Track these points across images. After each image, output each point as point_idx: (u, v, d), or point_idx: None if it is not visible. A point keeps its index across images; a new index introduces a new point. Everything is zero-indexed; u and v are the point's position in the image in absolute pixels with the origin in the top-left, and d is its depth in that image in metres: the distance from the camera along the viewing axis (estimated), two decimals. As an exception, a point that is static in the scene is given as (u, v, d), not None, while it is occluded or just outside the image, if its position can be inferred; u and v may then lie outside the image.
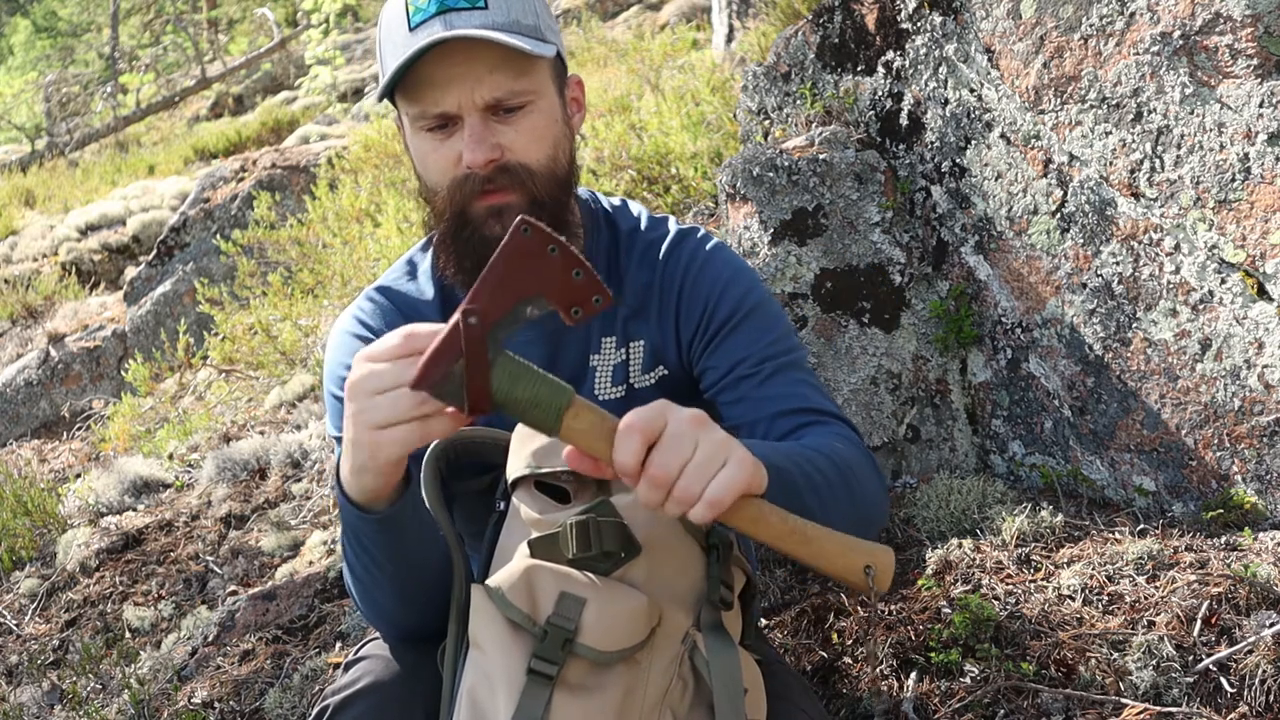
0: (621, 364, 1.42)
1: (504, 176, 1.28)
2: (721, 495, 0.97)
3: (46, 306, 6.82)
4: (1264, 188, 1.66)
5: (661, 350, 1.42)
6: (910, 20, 2.20)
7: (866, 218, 2.21)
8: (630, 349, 1.42)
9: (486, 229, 1.28)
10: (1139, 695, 1.45)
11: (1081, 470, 1.99)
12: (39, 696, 2.56)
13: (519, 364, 1.01)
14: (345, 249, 4.73)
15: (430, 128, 1.28)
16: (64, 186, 9.50)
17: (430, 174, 1.32)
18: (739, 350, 1.37)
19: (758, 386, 1.35)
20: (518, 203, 1.28)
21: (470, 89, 1.25)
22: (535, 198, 1.29)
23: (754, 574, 1.39)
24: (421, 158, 1.32)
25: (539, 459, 1.17)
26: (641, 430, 0.97)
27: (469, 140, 1.26)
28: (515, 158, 1.28)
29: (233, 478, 3.51)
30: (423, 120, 1.28)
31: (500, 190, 1.28)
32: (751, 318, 1.39)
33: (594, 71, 6.15)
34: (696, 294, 1.39)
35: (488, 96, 1.25)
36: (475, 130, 1.26)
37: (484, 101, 1.26)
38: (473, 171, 1.27)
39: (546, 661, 1.04)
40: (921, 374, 2.19)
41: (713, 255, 1.42)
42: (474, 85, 1.24)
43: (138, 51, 14.97)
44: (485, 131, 1.26)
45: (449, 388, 0.98)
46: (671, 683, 1.09)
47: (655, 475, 0.97)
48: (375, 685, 1.18)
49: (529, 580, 1.08)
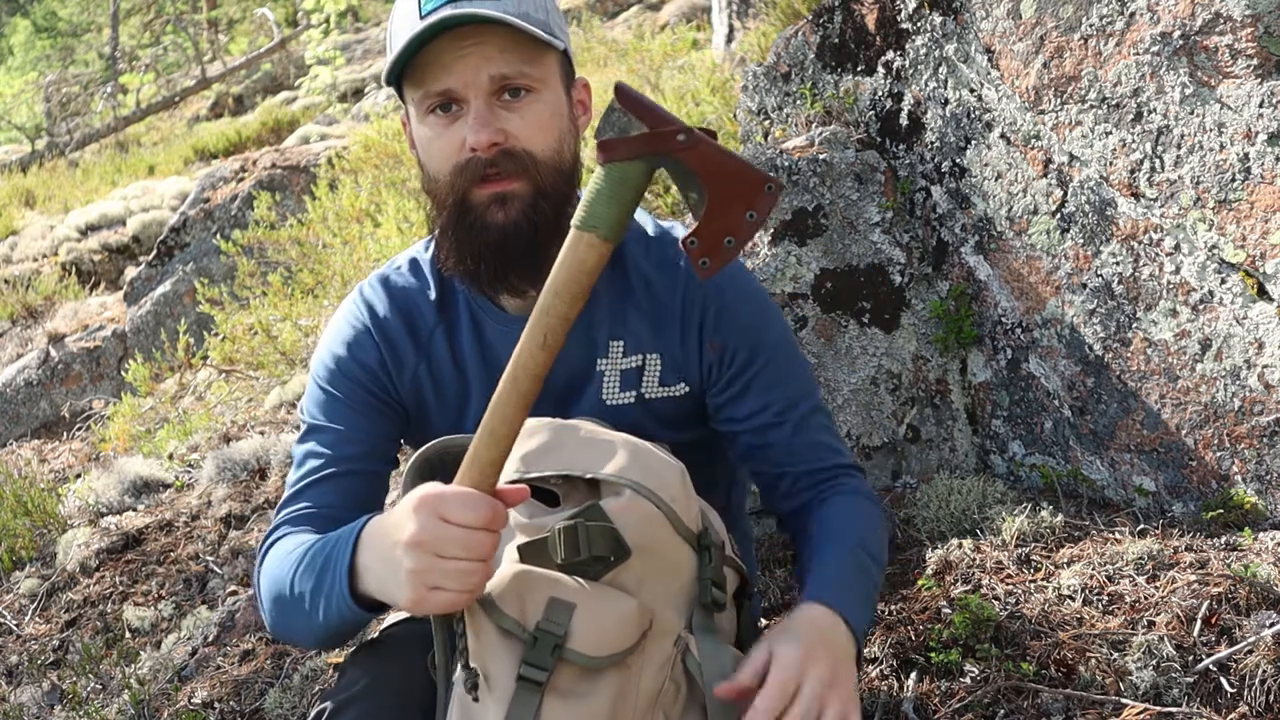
0: (633, 370, 1.39)
1: (507, 162, 1.26)
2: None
3: (46, 306, 6.82)
4: (1264, 188, 1.66)
5: (684, 367, 1.40)
6: (910, 20, 2.20)
7: (866, 218, 2.21)
8: (647, 359, 1.39)
9: (489, 216, 1.27)
10: (1139, 695, 1.45)
11: (1081, 470, 1.99)
12: (39, 696, 2.56)
13: None
14: (345, 249, 4.73)
15: (434, 108, 1.27)
16: (64, 186, 9.50)
17: (433, 160, 1.30)
18: (763, 396, 1.39)
19: (785, 438, 1.39)
20: (520, 190, 1.27)
21: (477, 68, 1.24)
22: (539, 187, 1.28)
23: (751, 574, 1.39)
24: (425, 144, 1.31)
25: (528, 463, 1.16)
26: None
27: (473, 121, 1.25)
28: (520, 144, 1.27)
29: (233, 478, 3.51)
30: (427, 100, 1.27)
31: (503, 177, 1.26)
32: (775, 360, 1.40)
33: (594, 71, 6.14)
34: (724, 325, 1.38)
35: (494, 72, 1.24)
36: (480, 112, 1.25)
37: (490, 80, 1.24)
38: (476, 155, 1.25)
39: (536, 668, 1.04)
40: (921, 374, 2.19)
41: (740, 284, 1.41)
42: (481, 64, 1.24)
43: (138, 51, 14.97)
44: (490, 115, 1.25)
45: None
46: (663, 686, 1.09)
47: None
48: (373, 687, 1.18)
49: (518, 586, 1.08)
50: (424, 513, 1.00)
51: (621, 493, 1.12)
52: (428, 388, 1.40)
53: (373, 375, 1.38)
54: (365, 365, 1.38)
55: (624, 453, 1.16)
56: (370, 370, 1.38)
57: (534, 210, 1.28)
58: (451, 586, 1.00)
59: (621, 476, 1.13)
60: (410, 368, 1.39)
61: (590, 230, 1.01)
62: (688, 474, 1.21)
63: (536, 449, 1.17)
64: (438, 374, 1.40)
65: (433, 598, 1.01)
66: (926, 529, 1.96)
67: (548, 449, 1.17)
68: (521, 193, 1.27)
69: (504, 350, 1.39)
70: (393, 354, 1.38)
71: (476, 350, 1.39)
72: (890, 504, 2.07)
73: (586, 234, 1.01)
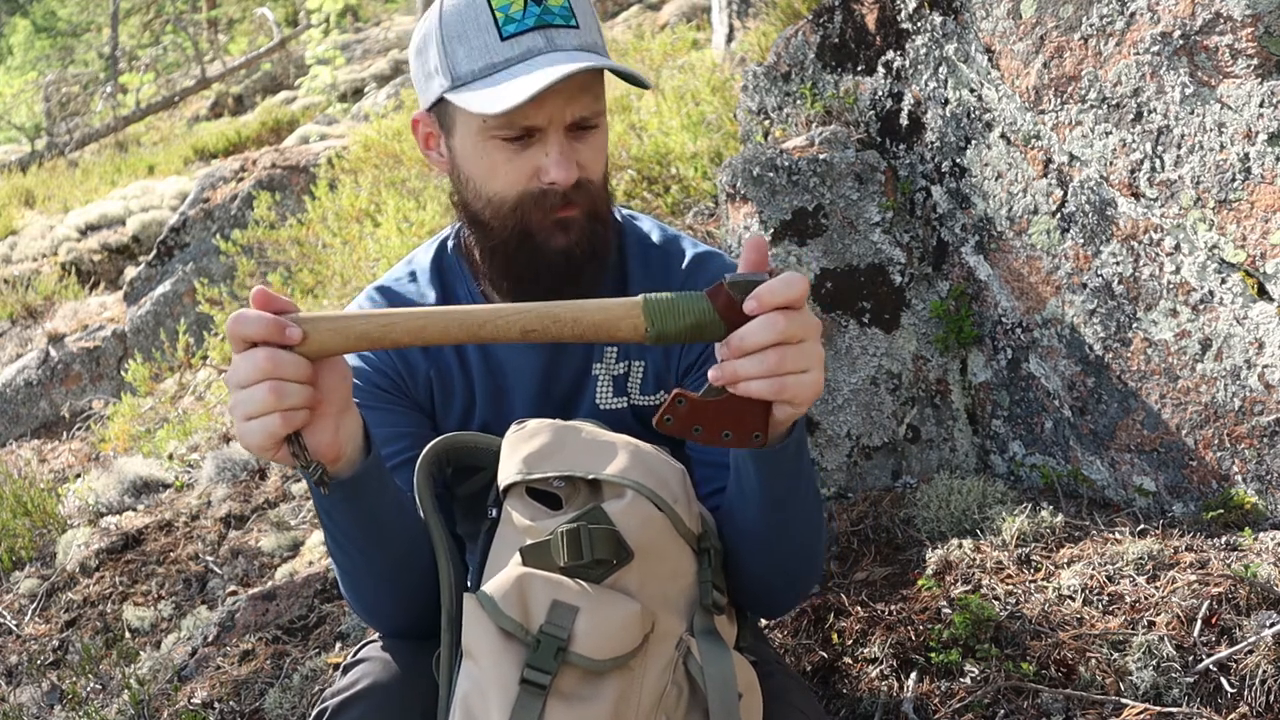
0: (622, 376, 1.41)
1: (577, 193, 1.28)
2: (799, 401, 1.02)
3: (46, 306, 6.81)
4: (1264, 188, 1.66)
5: (664, 374, 1.41)
6: (910, 20, 2.20)
7: (866, 218, 2.21)
8: (631, 365, 1.41)
9: (552, 241, 1.28)
10: (1139, 695, 1.45)
11: (1081, 470, 1.99)
12: (39, 696, 2.56)
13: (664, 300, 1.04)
14: (345, 249, 4.73)
15: (509, 138, 1.26)
16: (64, 186, 9.49)
17: (495, 182, 1.29)
18: None
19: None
20: (580, 217, 1.29)
21: (563, 106, 1.24)
22: (595, 211, 1.31)
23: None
24: (491, 166, 1.28)
25: (530, 465, 1.16)
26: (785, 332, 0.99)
27: (560, 159, 1.25)
28: (588, 175, 1.29)
29: (233, 478, 3.51)
30: (506, 130, 1.25)
31: (570, 205, 1.28)
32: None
33: (594, 71, 6.12)
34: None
35: (576, 115, 1.25)
36: (565, 149, 1.25)
37: (572, 119, 1.25)
38: (554, 187, 1.26)
39: (539, 671, 1.04)
40: (922, 374, 2.19)
41: None
42: (566, 104, 1.24)
43: (138, 51, 14.97)
44: (571, 151, 1.26)
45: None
46: (666, 689, 1.09)
47: (778, 384, 1.00)
48: (374, 688, 1.18)
49: (521, 589, 1.08)
50: (233, 351, 1.03)
51: (624, 495, 1.12)
52: (438, 392, 1.42)
53: (391, 380, 1.40)
54: (383, 371, 1.39)
55: (625, 454, 1.16)
56: (388, 375, 1.40)
57: (592, 234, 1.31)
58: (256, 411, 1.00)
59: (624, 477, 1.13)
60: (422, 372, 1.40)
61: (648, 321, 1.02)
62: (688, 475, 1.21)
63: (538, 450, 1.17)
64: (446, 379, 1.41)
65: (247, 429, 1.02)
66: (926, 529, 1.96)
67: (549, 450, 1.17)
68: (581, 219, 1.29)
69: (506, 356, 1.39)
70: (404, 359, 1.40)
71: (480, 355, 1.40)
72: (890, 504, 2.07)
73: (644, 321, 1.02)
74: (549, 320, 1.03)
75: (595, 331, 1.03)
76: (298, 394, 1.01)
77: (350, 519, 1.16)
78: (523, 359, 1.39)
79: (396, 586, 1.23)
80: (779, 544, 1.20)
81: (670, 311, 1.02)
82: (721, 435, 1.05)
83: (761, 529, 1.19)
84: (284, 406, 1.00)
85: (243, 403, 1.01)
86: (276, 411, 1.00)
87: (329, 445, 1.07)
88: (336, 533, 1.18)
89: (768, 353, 0.99)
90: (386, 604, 1.25)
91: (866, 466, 2.18)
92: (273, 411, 1.00)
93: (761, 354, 0.99)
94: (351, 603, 1.28)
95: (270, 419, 1.01)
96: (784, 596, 1.31)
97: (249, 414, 1.01)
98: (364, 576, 1.22)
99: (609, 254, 1.36)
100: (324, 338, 1.02)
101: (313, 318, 1.03)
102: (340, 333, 1.03)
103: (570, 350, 1.40)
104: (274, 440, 1.02)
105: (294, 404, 1.01)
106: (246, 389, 1.00)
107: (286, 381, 1.00)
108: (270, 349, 1.00)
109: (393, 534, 1.19)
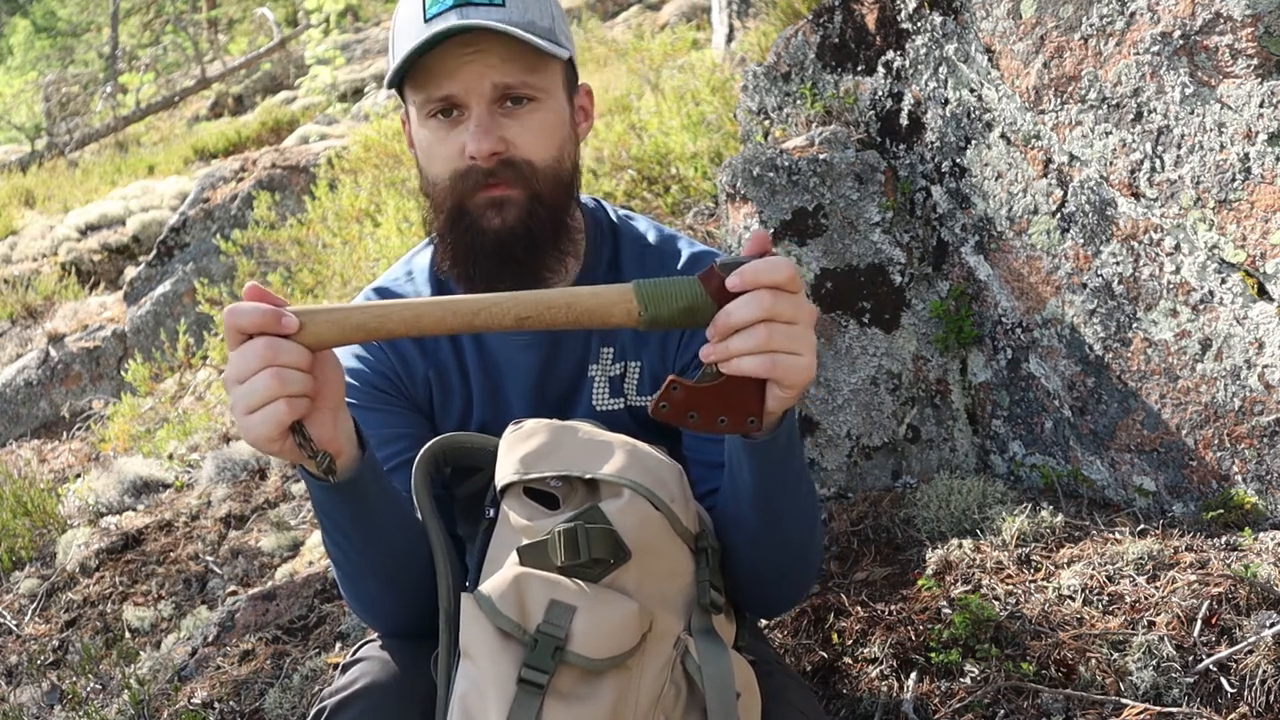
0: (618, 377, 1.41)
1: (507, 171, 1.27)
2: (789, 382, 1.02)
3: (46, 306, 6.81)
4: (1264, 188, 1.66)
5: (660, 375, 1.40)
6: (910, 20, 2.20)
7: (866, 218, 2.21)
8: (628, 367, 1.41)
9: (485, 221, 1.28)
10: (1139, 695, 1.45)
11: (1081, 470, 1.99)
12: (39, 696, 2.56)
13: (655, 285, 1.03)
14: (345, 249, 4.73)
15: (435, 112, 1.28)
16: (64, 186, 9.49)
17: (433, 164, 1.31)
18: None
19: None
20: (518, 197, 1.28)
21: (480, 75, 1.24)
22: (536, 194, 1.29)
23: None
24: (426, 148, 1.31)
25: (527, 464, 1.16)
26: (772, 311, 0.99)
27: (474, 130, 1.25)
28: (520, 153, 1.27)
29: (233, 478, 3.52)
30: (429, 105, 1.28)
31: (501, 184, 1.27)
32: None
33: (594, 71, 6.14)
34: (695, 343, 1.37)
35: (497, 80, 1.25)
36: (481, 120, 1.25)
37: (493, 88, 1.25)
38: (475, 164, 1.26)
39: (537, 670, 1.04)
40: (922, 374, 2.19)
41: None
42: (484, 71, 1.24)
43: (138, 51, 14.97)
44: (491, 123, 1.26)
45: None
46: (664, 689, 1.09)
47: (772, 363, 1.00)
48: (372, 687, 1.18)
49: (518, 588, 1.08)
50: (229, 348, 1.02)
51: (621, 494, 1.12)
52: (437, 392, 1.42)
53: (389, 381, 1.40)
54: (381, 372, 1.39)
55: (622, 453, 1.16)
56: (386, 376, 1.40)
57: (530, 216, 1.29)
58: (259, 401, 0.99)
59: (621, 476, 1.13)
60: (420, 372, 1.40)
61: (641, 305, 1.02)
62: (685, 475, 1.21)
63: (535, 450, 1.17)
64: (445, 379, 1.41)
65: (250, 422, 1.00)
66: (926, 529, 1.96)
67: (546, 450, 1.17)
68: (518, 199, 1.28)
69: (502, 355, 1.39)
70: (402, 360, 1.40)
71: (477, 355, 1.40)
72: (890, 504, 2.07)
73: (636, 305, 1.02)
74: (543, 306, 1.03)
75: (590, 317, 1.03)
76: (300, 380, 1.00)
77: (348, 519, 1.16)
78: (519, 358, 1.39)
79: (395, 586, 1.22)
80: (773, 537, 1.20)
81: (663, 295, 1.02)
82: (717, 421, 1.05)
83: (755, 522, 1.19)
84: (288, 393, 0.99)
85: (244, 396, 1.00)
86: (281, 398, 0.99)
87: (330, 439, 1.06)
88: (335, 533, 1.18)
89: (757, 328, 0.99)
90: (385, 603, 1.25)
91: (866, 466, 2.18)
92: (277, 398, 0.99)
93: (750, 329, 0.99)
94: (350, 602, 1.28)
95: (275, 407, 0.99)
96: (780, 593, 1.31)
97: (251, 406, 0.99)
98: (362, 576, 1.22)
99: (551, 239, 1.33)
100: (320, 329, 1.02)
101: (309, 309, 1.02)
102: (336, 324, 1.02)
103: (566, 351, 1.39)
104: (280, 429, 1.01)
105: (297, 390, 1.00)
106: (247, 381, 0.99)
107: (288, 368, 0.99)
108: (268, 337, 0.99)
109: (390, 534, 1.18)
